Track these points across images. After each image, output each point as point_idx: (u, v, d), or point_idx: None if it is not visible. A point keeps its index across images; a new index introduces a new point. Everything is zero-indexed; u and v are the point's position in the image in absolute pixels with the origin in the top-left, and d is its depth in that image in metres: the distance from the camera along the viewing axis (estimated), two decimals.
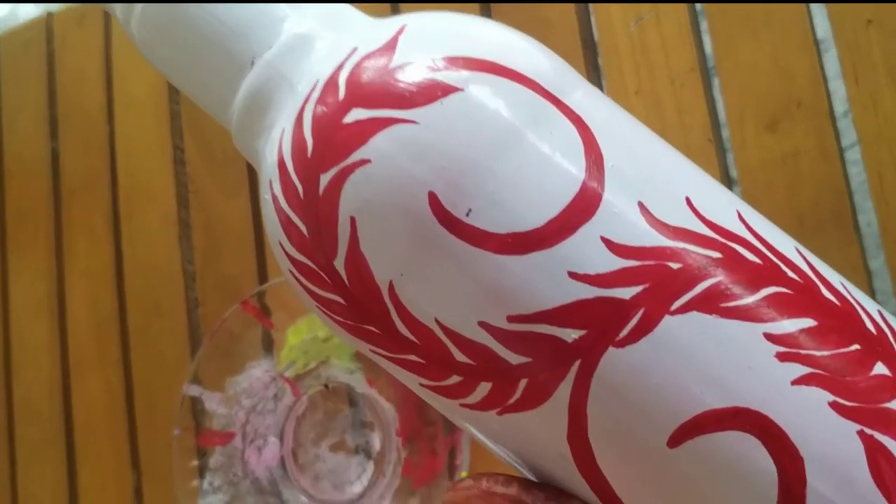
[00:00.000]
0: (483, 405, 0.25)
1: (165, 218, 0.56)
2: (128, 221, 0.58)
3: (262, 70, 0.27)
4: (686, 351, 0.23)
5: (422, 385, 0.27)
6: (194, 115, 0.60)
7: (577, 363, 0.24)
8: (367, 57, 0.26)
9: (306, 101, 0.26)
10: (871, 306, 0.26)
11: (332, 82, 0.26)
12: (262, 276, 0.55)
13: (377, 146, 0.24)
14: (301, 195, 0.25)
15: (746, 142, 0.43)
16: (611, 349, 0.23)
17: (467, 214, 0.24)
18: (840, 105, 0.44)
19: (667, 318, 0.23)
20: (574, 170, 0.24)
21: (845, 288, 0.26)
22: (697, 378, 0.23)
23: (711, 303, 0.24)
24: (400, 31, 0.26)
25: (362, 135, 0.24)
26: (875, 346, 0.25)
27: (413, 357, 0.26)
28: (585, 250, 0.24)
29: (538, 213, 0.24)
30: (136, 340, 0.56)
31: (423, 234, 0.24)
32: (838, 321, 0.25)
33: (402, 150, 0.24)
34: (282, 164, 0.26)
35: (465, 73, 0.25)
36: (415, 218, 0.24)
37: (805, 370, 0.23)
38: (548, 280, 0.24)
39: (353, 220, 0.24)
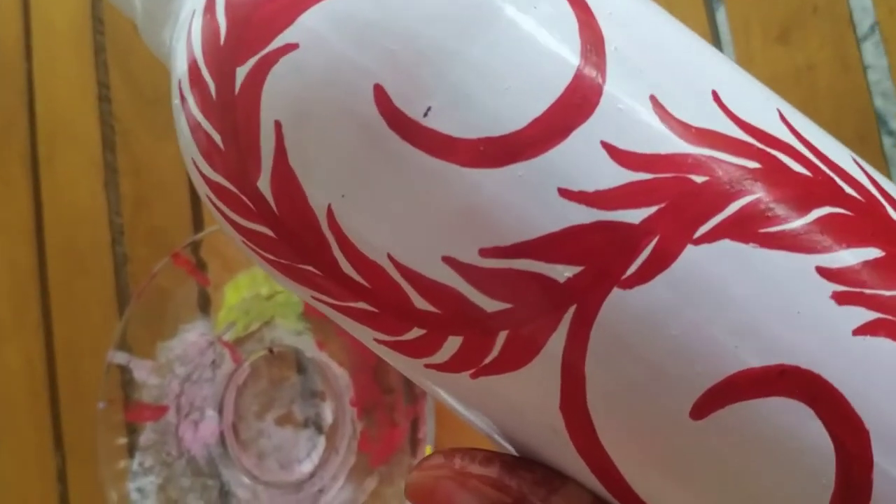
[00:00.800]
0: (452, 365, 0.20)
1: (89, 163, 0.50)
2: (48, 168, 0.52)
3: None
4: (715, 292, 0.18)
5: (377, 340, 0.21)
6: (120, 46, 0.54)
7: (573, 309, 0.19)
8: None
9: None
10: None
11: None
12: (198, 228, 0.49)
13: (307, 25, 0.19)
14: (214, 96, 0.20)
15: (753, 55, 0.39)
16: (615, 291, 0.18)
17: (425, 114, 0.18)
18: (862, 8, 0.39)
19: (689, 248, 0.18)
20: (566, 53, 0.19)
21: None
22: (730, 327, 0.18)
23: (748, 227, 0.18)
24: None
25: (288, 12, 0.19)
26: None
27: (363, 305, 0.20)
28: (581, 160, 0.18)
29: (519, 110, 0.18)
30: (58, 302, 0.51)
31: (367, 141, 0.18)
32: None
33: (339, 29, 0.18)
34: (191, 58, 0.20)
35: None
36: (357, 120, 0.18)
37: (871, 315, 0.18)
38: (531, 200, 0.18)
39: (277, 125, 0.19)
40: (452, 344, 0.20)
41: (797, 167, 0.19)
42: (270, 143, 0.19)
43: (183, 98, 0.21)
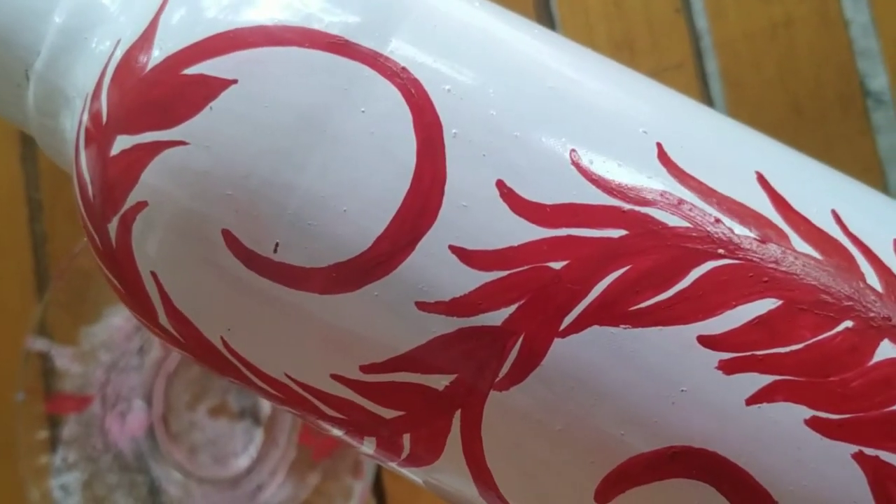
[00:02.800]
0: (380, 456, 0.21)
1: (5, 136, 0.45)
2: None
3: (36, 86, 0.22)
4: (591, 382, 0.17)
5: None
6: None
7: (458, 414, 0.18)
8: (128, 54, 0.20)
9: (80, 125, 0.20)
10: (884, 236, 0.18)
11: (96, 97, 0.20)
12: None
13: (149, 183, 0.19)
14: (100, 248, 0.20)
15: (725, 9, 0.35)
16: (493, 393, 0.18)
17: (275, 250, 0.18)
18: None
19: (556, 342, 0.18)
20: (400, 158, 0.18)
21: (837, 218, 0.18)
22: (612, 416, 0.18)
23: (616, 308, 0.17)
24: (162, 7, 0.19)
25: (131, 171, 0.19)
26: (880, 314, 0.17)
27: (288, 409, 0.21)
28: (431, 269, 0.18)
29: (360, 232, 0.18)
30: None
31: (231, 282, 0.19)
32: (816, 288, 0.17)
33: (177, 182, 0.19)
34: (78, 209, 0.21)
35: (236, 57, 0.18)
36: (216, 266, 0.19)
37: (765, 379, 0.17)
38: (393, 317, 0.18)
39: (154, 275, 0.19)
40: (370, 443, 0.20)
41: (674, 221, 0.17)
42: (154, 290, 0.20)
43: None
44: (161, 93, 0.19)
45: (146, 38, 0.19)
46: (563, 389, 0.17)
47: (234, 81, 0.18)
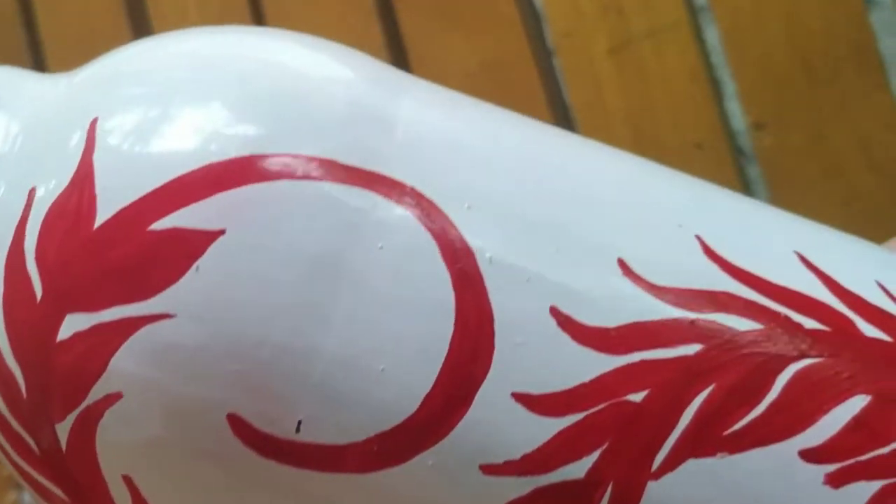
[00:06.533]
0: None
1: None
2: None
3: None
4: None
5: None
6: None
7: None
8: (57, 208, 0.16)
9: None
10: None
11: (14, 269, 0.16)
12: None
13: (123, 370, 0.15)
14: (37, 452, 0.16)
15: None
16: None
17: (298, 429, 0.15)
18: None
19: (650, 486, 0.16)
20: (436, 292, 0.15)
21: (885, 291, 0.17)
22: None
23: (709, 434, 0.16)
24: (91, 137, 0.16)
25: (94, 357, 0.15)
26: None
27: None
28: (495, 424, 0.15)
29: (406, 390, 0.15)
30: None
31: (239, 476, 0.16)
32: None
33: (162, 365, 0.15)
34: None
35: (216, 201, 0.15)
36: (220, 459, 0.15)
37: (875, 486, 0.16)
38: (453, 488, 0.16)
39: (128, 479, 0.16)
40: None
41: (743, 324, 0.16)
42: (125, 498, 0.16)
43: None
44: (124, 255, 0.15)
45: (81, 186, 0.15)
46: None
47: (221, 232, 0.15)
